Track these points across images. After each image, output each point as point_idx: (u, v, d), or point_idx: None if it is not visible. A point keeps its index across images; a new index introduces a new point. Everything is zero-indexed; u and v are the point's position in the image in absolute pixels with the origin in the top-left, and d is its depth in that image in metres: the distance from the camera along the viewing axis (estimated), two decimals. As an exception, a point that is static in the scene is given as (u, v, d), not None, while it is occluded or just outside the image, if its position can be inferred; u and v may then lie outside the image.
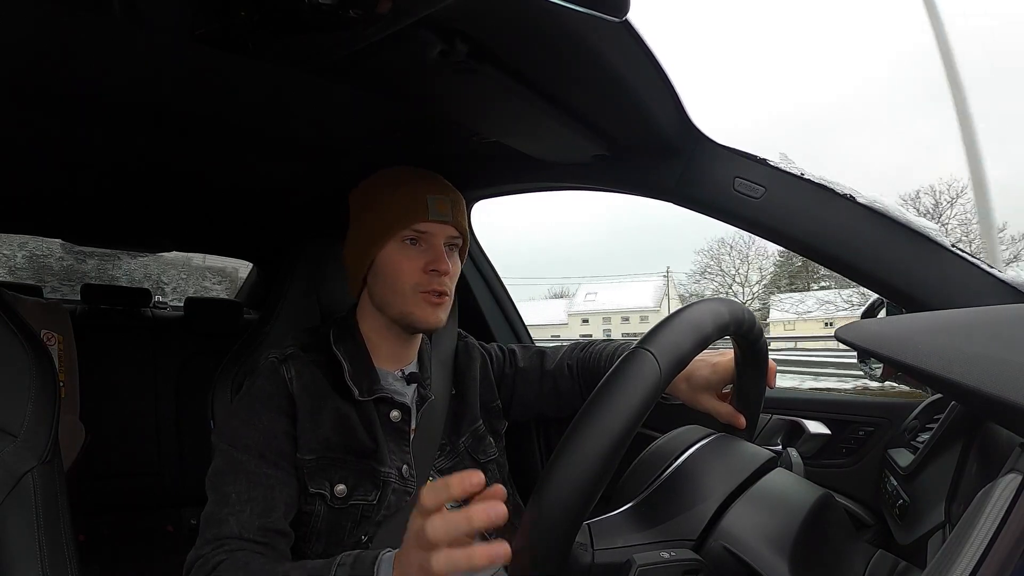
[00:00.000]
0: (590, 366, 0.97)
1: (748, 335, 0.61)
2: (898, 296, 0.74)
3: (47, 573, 0.60)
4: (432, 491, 0.50)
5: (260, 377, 0.82)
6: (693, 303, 0.53)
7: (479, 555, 0.47)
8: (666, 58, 0.66)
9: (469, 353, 0.98)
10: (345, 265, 0.90)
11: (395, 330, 0.86)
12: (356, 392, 0.82)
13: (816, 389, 1.40)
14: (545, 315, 37.22)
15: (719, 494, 0.54)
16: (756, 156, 0.80)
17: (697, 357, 0.81)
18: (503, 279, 1.42)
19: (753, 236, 0.91)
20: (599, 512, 0.53)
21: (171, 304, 2.29)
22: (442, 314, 0.85)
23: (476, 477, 0.49)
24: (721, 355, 0.79)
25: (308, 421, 0.79)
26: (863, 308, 0.89)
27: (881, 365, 0.79)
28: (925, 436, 0.77)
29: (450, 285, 0.85)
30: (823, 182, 0.76)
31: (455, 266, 0.87)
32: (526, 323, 1.42)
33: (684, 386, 0.80)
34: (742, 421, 0.72)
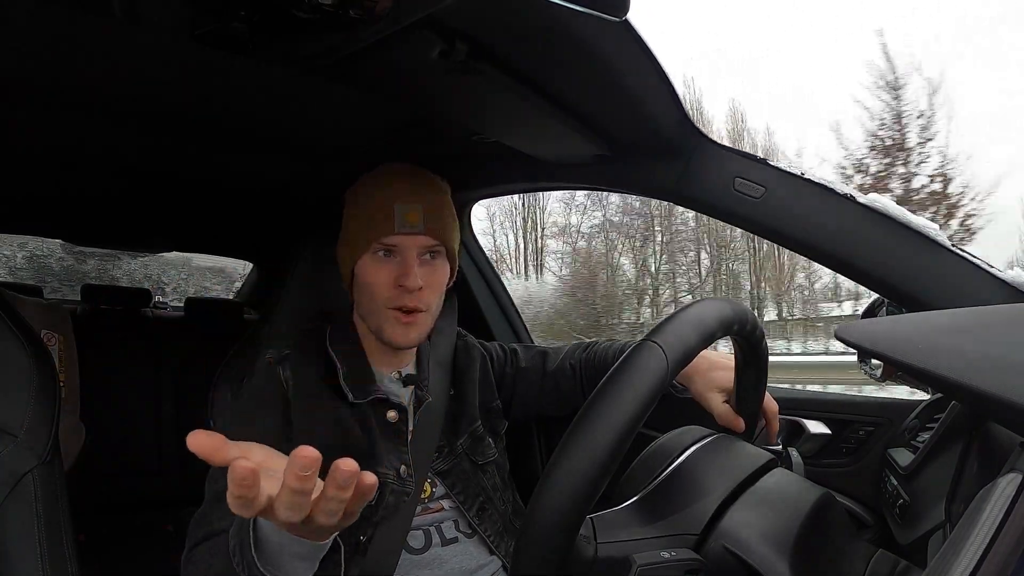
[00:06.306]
0: (596, 363, 0.96)
1: (750, 336, 0.61)
2: (898, 296, 0.74)
3: (47, 573, 0.60)
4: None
5: (256, 378, 0.81)
6: (697, 301, 0.54)
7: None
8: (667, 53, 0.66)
9: (469, 353, 0.98)
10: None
11: None
12: (351, 395, 0.81)
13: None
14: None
15: (720, 491, 0.54)
16: (756, 156, 0.80)
17: (721, 358, 0.81)
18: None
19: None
20: (600, 510, 0.53)
21: (171, 304, 2.29)
22: (413, 333, 0.81)
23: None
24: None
25: (303, 422, 0.78)
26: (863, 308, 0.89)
27: (881, 365, 0.79)
28: (925, 436, 0.77)
29: (426, 300, 0.81)
30: (823, 182, 0.76)
31: (434, 276, 0.83)
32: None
33: (699, 379, 0.81)
34: (740, 425, 0.72)
